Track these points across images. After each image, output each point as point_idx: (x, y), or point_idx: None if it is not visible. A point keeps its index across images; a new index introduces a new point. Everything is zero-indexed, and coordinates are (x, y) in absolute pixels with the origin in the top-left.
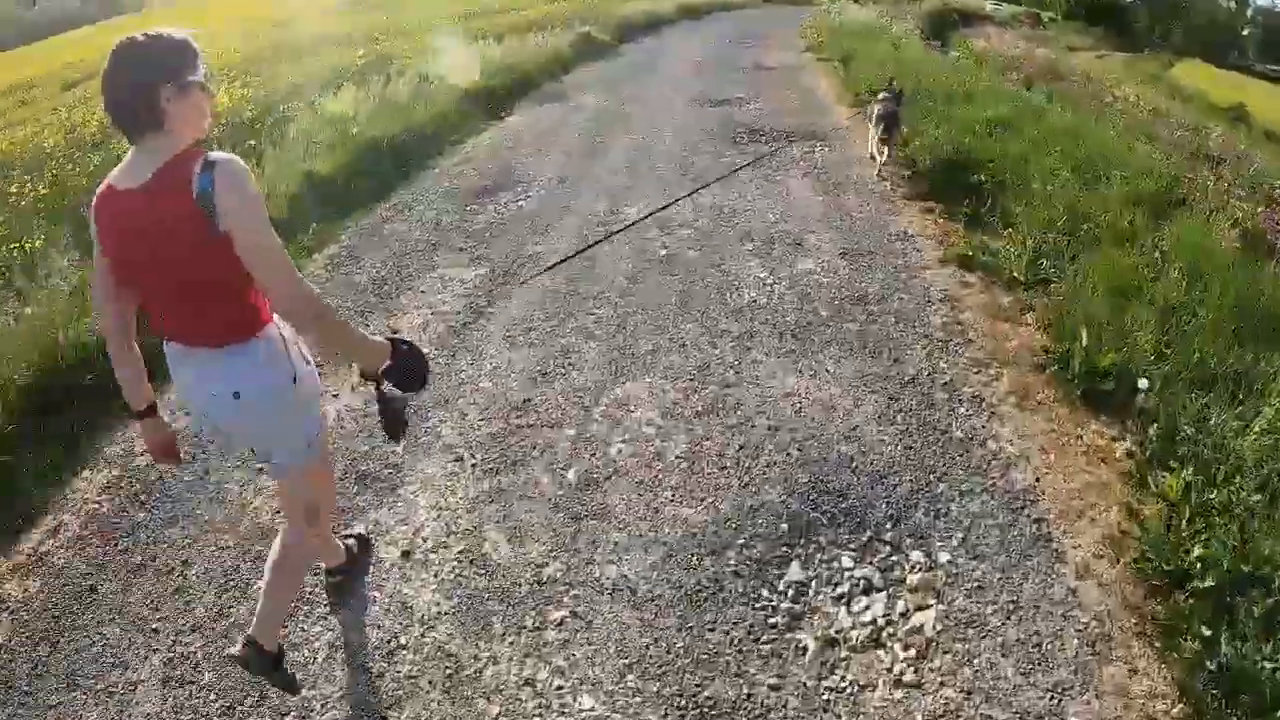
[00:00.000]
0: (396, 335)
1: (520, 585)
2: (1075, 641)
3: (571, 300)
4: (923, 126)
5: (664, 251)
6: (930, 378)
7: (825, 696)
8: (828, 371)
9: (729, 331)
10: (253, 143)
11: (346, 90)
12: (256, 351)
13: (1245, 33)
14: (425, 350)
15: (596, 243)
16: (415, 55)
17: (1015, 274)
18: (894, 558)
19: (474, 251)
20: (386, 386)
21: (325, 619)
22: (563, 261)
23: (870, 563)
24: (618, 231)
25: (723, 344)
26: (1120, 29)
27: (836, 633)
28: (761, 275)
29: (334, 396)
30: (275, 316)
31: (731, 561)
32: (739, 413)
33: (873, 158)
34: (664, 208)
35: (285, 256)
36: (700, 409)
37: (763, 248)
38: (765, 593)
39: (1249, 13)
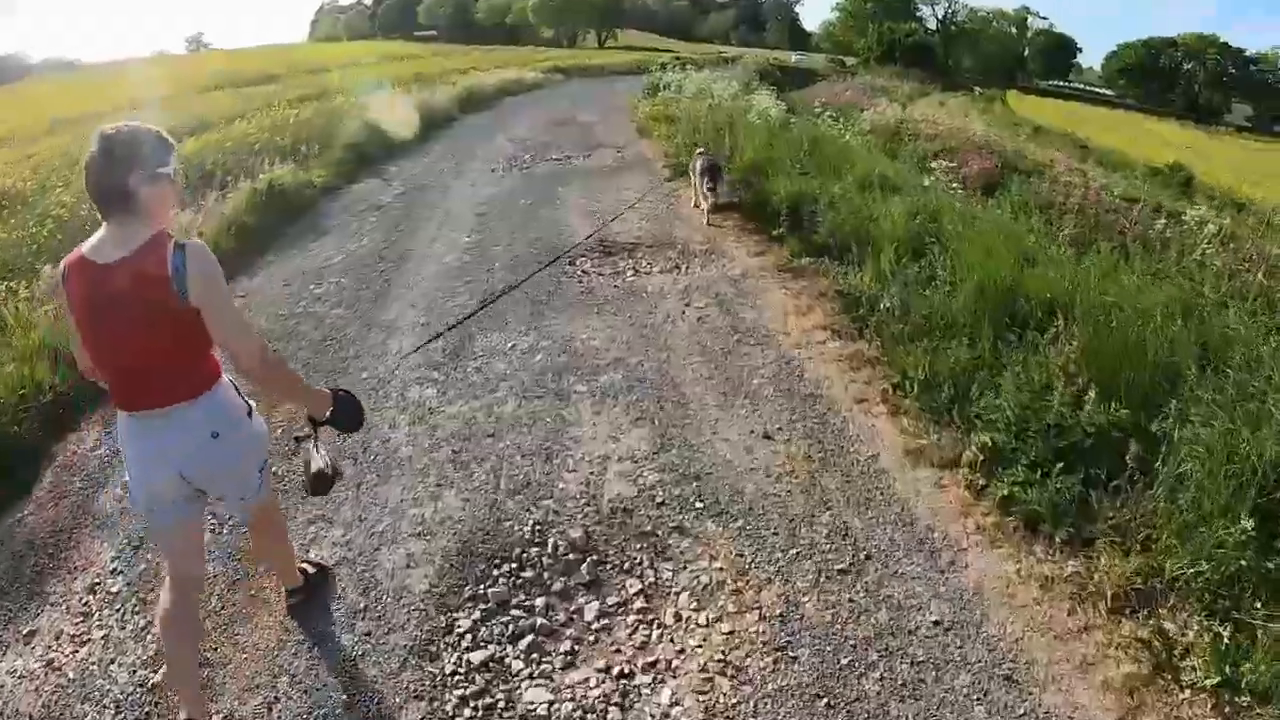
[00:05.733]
0: (336, 386)
1: None
2: None
3: None
4: None
5: None
6: None
7: None
8: None
9: None
10: None
11: None
12: (220, 395)
13: (1026, 54)
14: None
15: None
16: None
17: None
18: None
19: None
20: (318, 448)
21: None
22: None
23: None
24: None
25: None
26: (924, 65)
27: None
28: None
29: None
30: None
31: None
32: None
33: (697, 206)
34: None
35: (247, 320)
36: None
37: None
38: None
39: (1029, 35)
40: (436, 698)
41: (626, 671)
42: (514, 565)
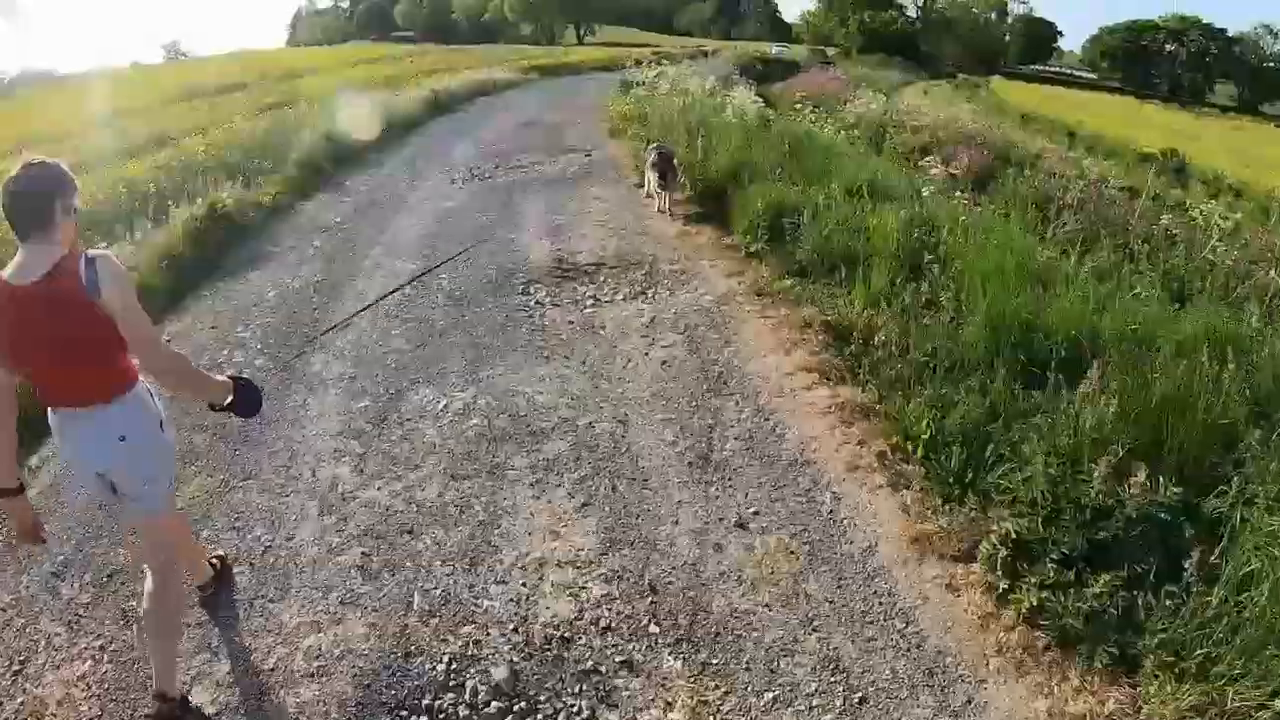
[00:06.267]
0: (236, 374)
1: None
2: None
3: None
4: None
5: None
6: None
7: None
8: None
9: None
10: None
11: None
12: (134, 401)
13: (1007, 39)
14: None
15: None
16: None
17: None
18: None
19: None
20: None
21: None
22: None
23: None
24: None
25: None
26: (905, 54)
27: None
28: None
29: None
30: (140, 375)
31: None
32: None
33: (650, 196)
34: None
35: (152, 325)
36: None
37: None
38: None
39: (1009, 21)
40: None
41: None
42: None
